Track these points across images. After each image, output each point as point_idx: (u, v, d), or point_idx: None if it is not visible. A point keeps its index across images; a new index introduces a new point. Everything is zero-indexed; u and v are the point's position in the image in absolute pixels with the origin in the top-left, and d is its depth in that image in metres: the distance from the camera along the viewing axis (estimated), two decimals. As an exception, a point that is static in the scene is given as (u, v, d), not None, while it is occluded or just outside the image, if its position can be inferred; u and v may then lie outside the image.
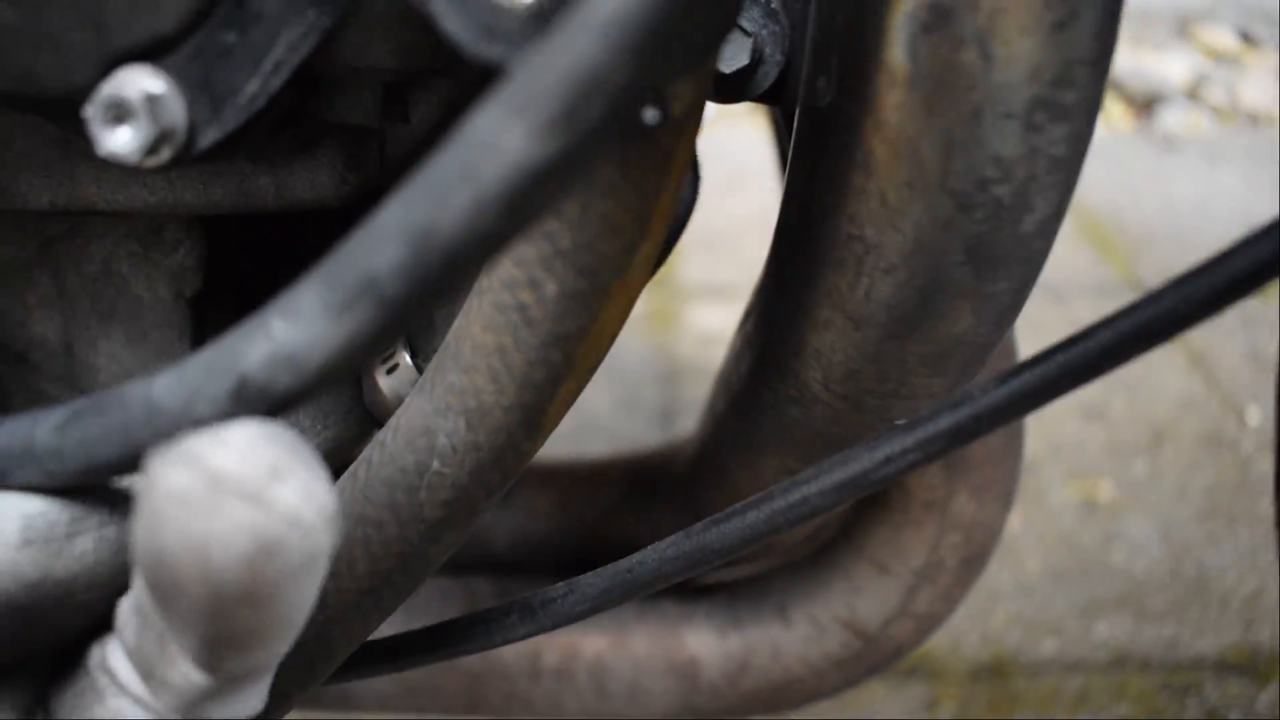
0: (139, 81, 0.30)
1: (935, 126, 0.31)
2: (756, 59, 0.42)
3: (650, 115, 0.26)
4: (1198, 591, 1.22)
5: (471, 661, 0.64)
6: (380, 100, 0.36)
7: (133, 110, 0.30)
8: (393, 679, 0.64)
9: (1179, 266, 0.30)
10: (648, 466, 0.68)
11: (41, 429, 0.31)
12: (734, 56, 0.41)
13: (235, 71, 0.31)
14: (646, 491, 0.68)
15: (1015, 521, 1.31)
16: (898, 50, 0.31)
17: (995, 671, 1.13)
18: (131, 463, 0.30)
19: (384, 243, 0.24)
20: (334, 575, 0.36)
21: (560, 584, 0.39)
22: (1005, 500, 0.59)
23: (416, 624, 0.59)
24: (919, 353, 0.36)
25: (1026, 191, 0.32)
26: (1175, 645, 1.17)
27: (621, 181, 0.30)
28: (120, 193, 0.39)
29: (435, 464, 0.34)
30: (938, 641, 1.15)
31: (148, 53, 0.30)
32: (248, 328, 0.27)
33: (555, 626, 0.39)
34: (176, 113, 0.30)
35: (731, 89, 0.42)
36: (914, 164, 0.32)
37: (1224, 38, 2.73)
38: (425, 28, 0.31)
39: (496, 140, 0.22)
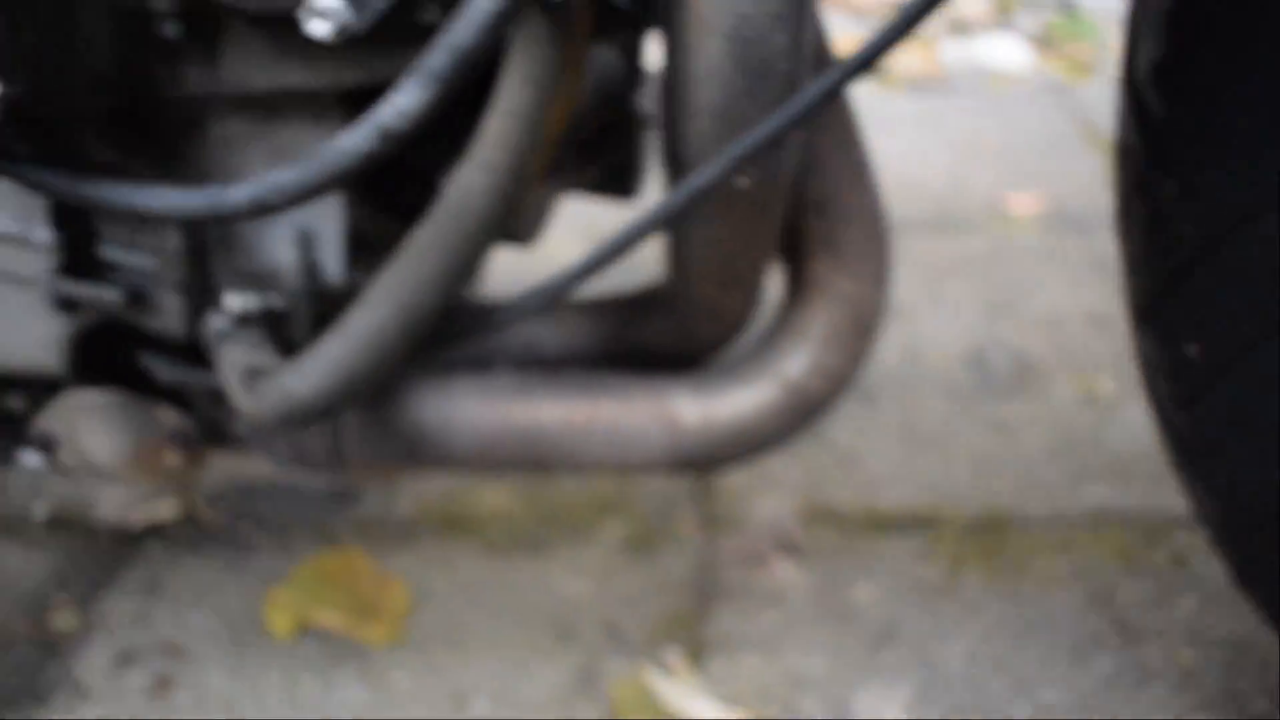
0: (324, 0, 0.70)
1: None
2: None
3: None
4: (1179, 463, 1.53)
5: (525, 421, 1.02)
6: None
7: (322, 12, 0.70)
8: (466, 440, 1.02)
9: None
10: (648, 292, 1.06)
11: (235, 188, 0.71)
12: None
13: (372, -6, 0.71)
14: (647, 307, 1.06)
15: (1018, 410, 1.64)
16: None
17: (988, 526, 1.45)
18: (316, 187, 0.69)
19: (439, 50, 0.63)
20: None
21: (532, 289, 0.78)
22: (878, 281, 0.95)
23: (506, 399, 0.99)
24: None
25: (772, 22, 0.69)
26: (1153, 504, 1.46)
27: (553, 35, 0.69)
28: (309, 76, 0.80)
29: (494, 179, 0.73)
30: (939, 502, 1.49)
31: (331, -12, 0.71)
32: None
33: (546, 306, 0.78)
34: (344, 13, 0.70)
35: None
36: (698, 17, 0.70)
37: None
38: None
39: (475, 3, 0.61)
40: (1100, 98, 2.85)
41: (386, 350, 0.80)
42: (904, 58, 3.00)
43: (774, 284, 1.04)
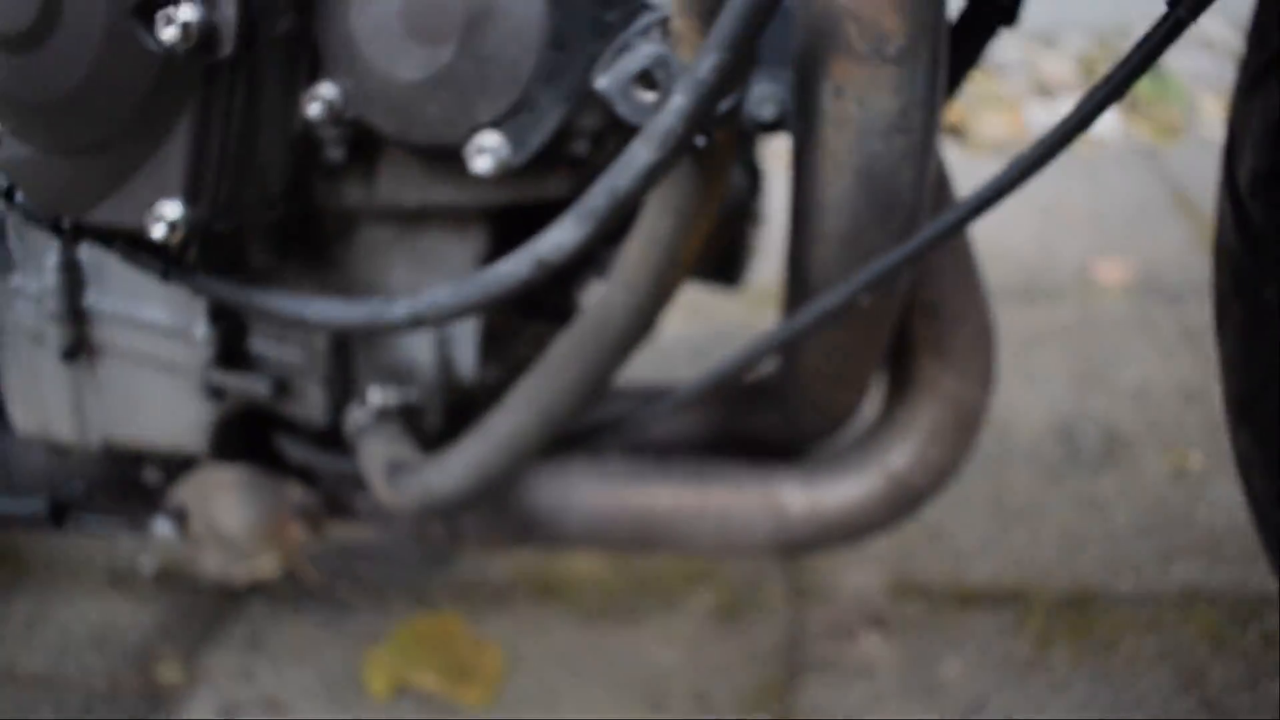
0: (488, 139, 0.79)
1: (844, 136, 0.77)
2: (782, 112, 0.88)
3: (700, 141, 0.72)
4: (1271, 541, 1.57)
5: (638, 505, 1.09)
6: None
7: (485, 150, 0.78)
8: (580, 521, 1.10)
9: None
10: (756, 384, 1.14)
11: (396, 304, 0.79)
12: (770, 112, 0.88)
13: (530, 133, 0.79)
14: (756, 399, 1.13)
15: (1108, 485, 1.69)
16: (824, 103, 0.77)
17: (1077, 602, 1.50)
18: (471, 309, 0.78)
19: (598, 193, 0.71)
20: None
21: (668, 391, 0.85)
22: (984, 381, 1.02)
23: (620, 483, 1.06)
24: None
25: (899, 161, 0.77)
26: (1244, 583, 1.50)
27: (697, 172, 0.76)
28: (458, 195, 0.88)
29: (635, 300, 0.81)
30: (1027, 577, 1.54)
31: (491, 124, 0.79)
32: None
33: (677, 408, 0.85)
34: (505, 151, 0.78)
35: (772, 127, 0.88)
36: (831, 155, 0.77)
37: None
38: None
39: (635, 154, 0.69)
40: (1189, 161, 2.89)
41: (524, 451, 0.88)
42: (989, 121, 3.07)
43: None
